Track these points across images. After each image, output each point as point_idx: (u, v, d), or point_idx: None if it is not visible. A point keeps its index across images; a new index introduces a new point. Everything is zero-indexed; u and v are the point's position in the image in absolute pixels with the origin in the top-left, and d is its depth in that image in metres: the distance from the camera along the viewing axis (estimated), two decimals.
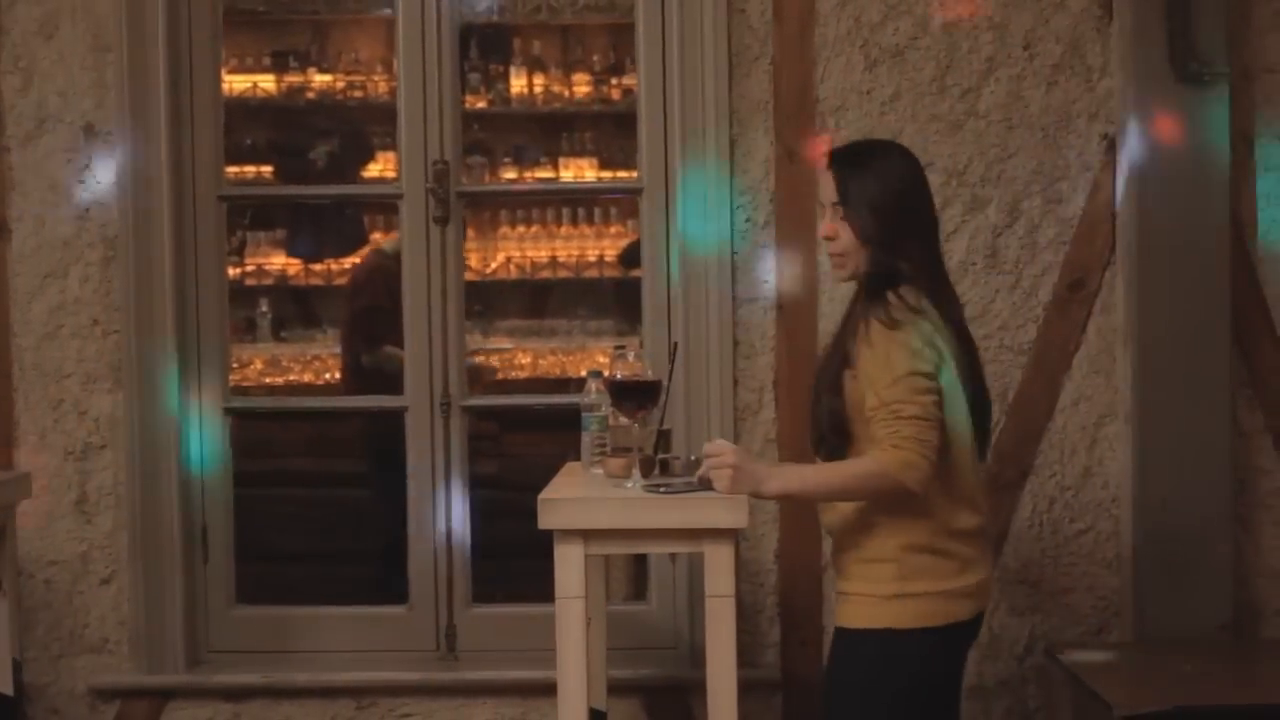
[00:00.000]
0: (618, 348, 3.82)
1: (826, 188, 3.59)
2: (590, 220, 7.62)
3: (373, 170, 7.45)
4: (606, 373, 3.77)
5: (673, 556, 4.66)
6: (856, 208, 3.50)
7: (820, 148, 4.44)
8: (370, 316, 6.52)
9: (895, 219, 3.49)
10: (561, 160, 7.65)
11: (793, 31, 4.64)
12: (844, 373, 3.46)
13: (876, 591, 3.47)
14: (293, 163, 7.48)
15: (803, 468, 3.64)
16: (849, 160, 3.60)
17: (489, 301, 7.55)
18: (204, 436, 4.79)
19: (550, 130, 7.76)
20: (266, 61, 7.56)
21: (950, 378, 3.44)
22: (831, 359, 3.55)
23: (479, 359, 7.16)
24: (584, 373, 4.30)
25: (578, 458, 4.04)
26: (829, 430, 3.51)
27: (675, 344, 4.12)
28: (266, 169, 7.51)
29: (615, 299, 7.47)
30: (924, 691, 3.50)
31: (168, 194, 4.66)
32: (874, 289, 3.47)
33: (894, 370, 3.35)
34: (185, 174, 4.73)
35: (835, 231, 3.56)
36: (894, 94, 4.64)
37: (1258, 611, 4.65)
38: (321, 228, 7.53)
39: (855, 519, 3.51)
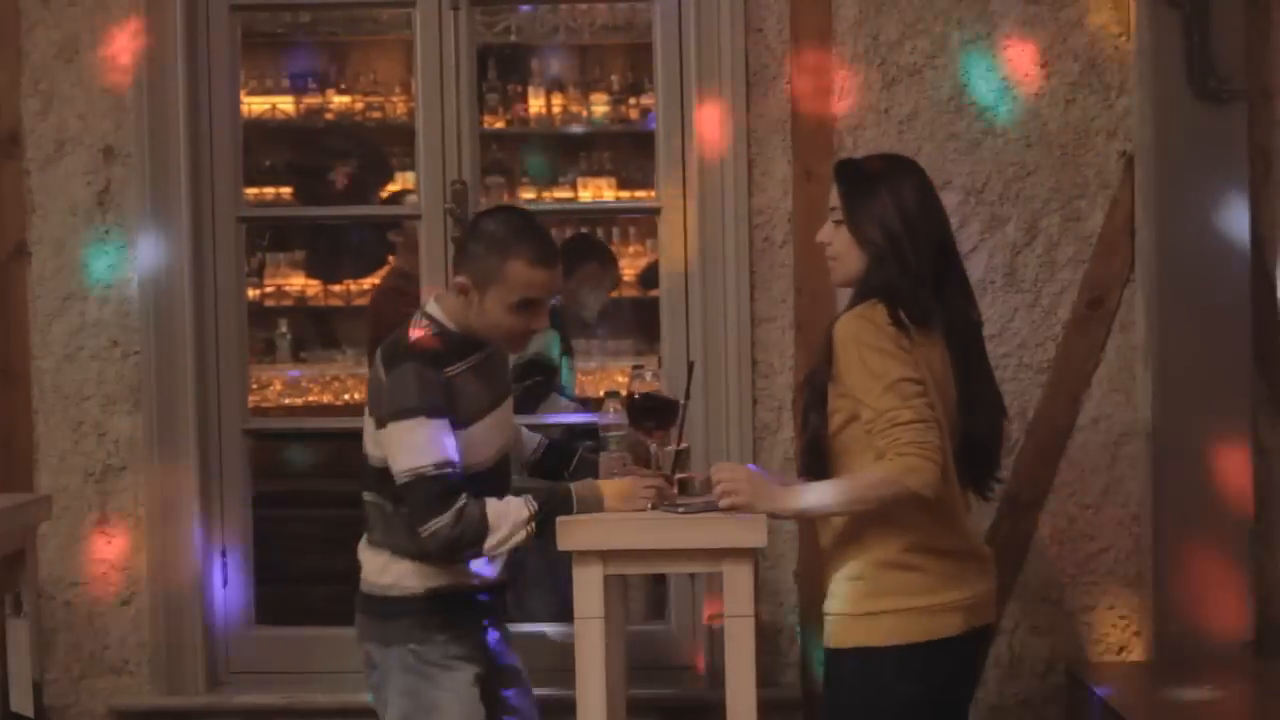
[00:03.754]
0: (636, 367, 3.81)
1: (832, 196, 3.54)
2: (608, 240, 7.61)
3: (391, 191, 7.46)
4: (625, 392, 3.77)
5: (692, 576, 4.65)
6: (858, 226, 3.46)
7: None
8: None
9: (895, 238, 3.41)
10: (580, 180, 7.66)
11: (810, 50, 4.64)
12: (828, 388, 3.40)
13: (851, 610, 3.42)
14: (312, 184, 7.50)
15: (814, 484, 3.47)
16: (853, 175, 3.54)
17: None
18: (223, 458, 4.80)
19: (568, 150, 7.79)
20: (285, 83, 7.61)
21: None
22: (816, 374, 3.47)
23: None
24: (602, 392, 4.29)
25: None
26: (809, 450, 3.46)
27: (692, 362, 4.12)
28: (285, 190, 7.54)
29: (633, 319, 7.46)
30: (916, 710, 3.40)
31: (187, 216, 4.67)
32: (863, 301, 3.42)
33: (883, 378, 3.27)
34: (204, 195, 4.74)
35: (830, 237, 3.53)
36: (912, 112, 4.64)
37: None
38: (340, 248, 7.55)
39: (838, 537, 3.48)
